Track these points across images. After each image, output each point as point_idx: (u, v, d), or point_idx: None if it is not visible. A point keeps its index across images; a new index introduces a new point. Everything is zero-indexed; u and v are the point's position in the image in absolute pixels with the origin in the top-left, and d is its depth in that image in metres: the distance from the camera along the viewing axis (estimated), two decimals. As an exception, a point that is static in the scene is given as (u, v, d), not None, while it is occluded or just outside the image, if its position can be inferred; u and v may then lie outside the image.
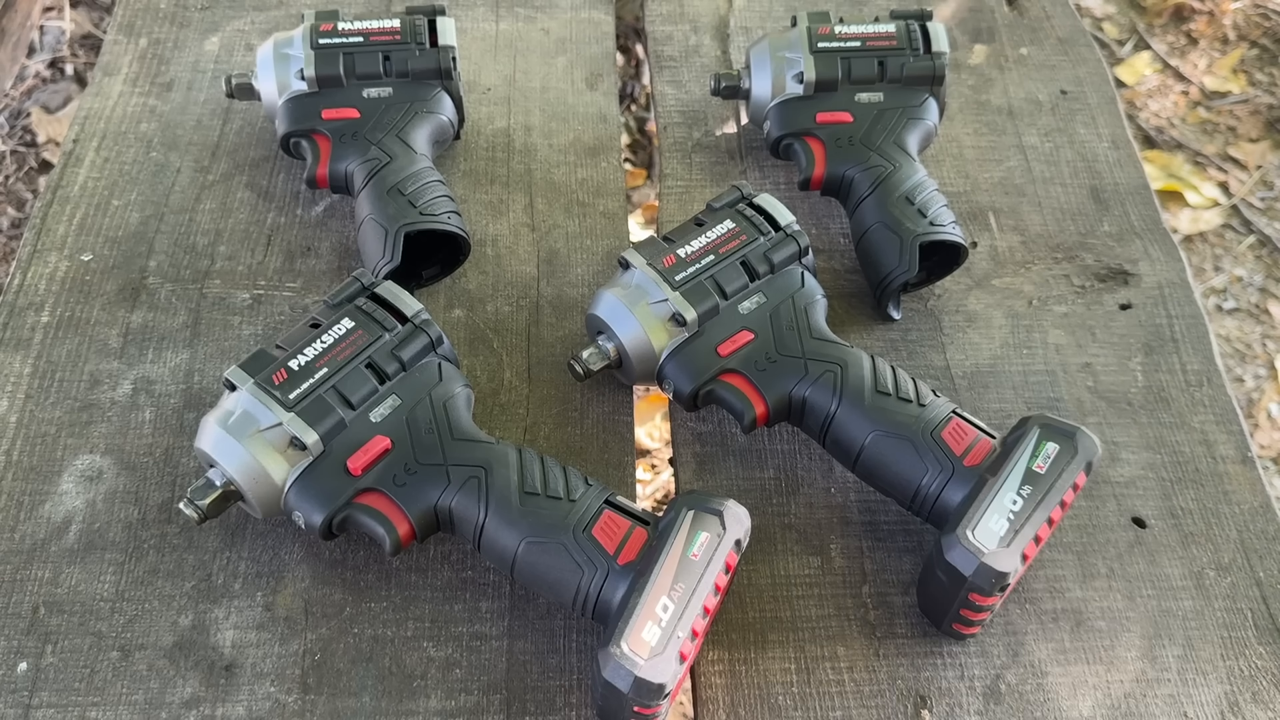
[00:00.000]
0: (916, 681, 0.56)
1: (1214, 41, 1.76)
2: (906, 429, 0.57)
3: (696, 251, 0.62)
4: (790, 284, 0.63)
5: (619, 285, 0.62)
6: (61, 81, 1.52)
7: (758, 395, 0.60)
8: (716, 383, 0.60)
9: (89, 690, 0.54)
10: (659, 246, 0.63)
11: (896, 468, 0.57)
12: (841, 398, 0.58)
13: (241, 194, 0.76)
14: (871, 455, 0.58)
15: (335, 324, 0.57)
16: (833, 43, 0.74)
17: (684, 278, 0.61)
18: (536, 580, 0.53)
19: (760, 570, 0.60)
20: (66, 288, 0.70)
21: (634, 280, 0.62)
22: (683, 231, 0.64)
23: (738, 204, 0.65)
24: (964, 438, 0.56)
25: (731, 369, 0.60)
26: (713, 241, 0.63)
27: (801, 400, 0.59)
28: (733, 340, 0.61)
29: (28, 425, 0.64)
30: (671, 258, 0.62)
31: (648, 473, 1.18)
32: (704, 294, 0.61)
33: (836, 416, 0.59)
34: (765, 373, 0.60)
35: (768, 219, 0.64)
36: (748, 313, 0.62)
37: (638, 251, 0.63)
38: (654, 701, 0.48)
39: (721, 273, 0.62)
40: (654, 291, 0.61)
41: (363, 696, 0.55)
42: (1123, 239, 0.77)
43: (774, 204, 0.65)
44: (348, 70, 0.72)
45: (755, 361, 0.60)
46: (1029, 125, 0.84)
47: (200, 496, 0.55)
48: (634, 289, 0.62)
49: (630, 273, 0.62)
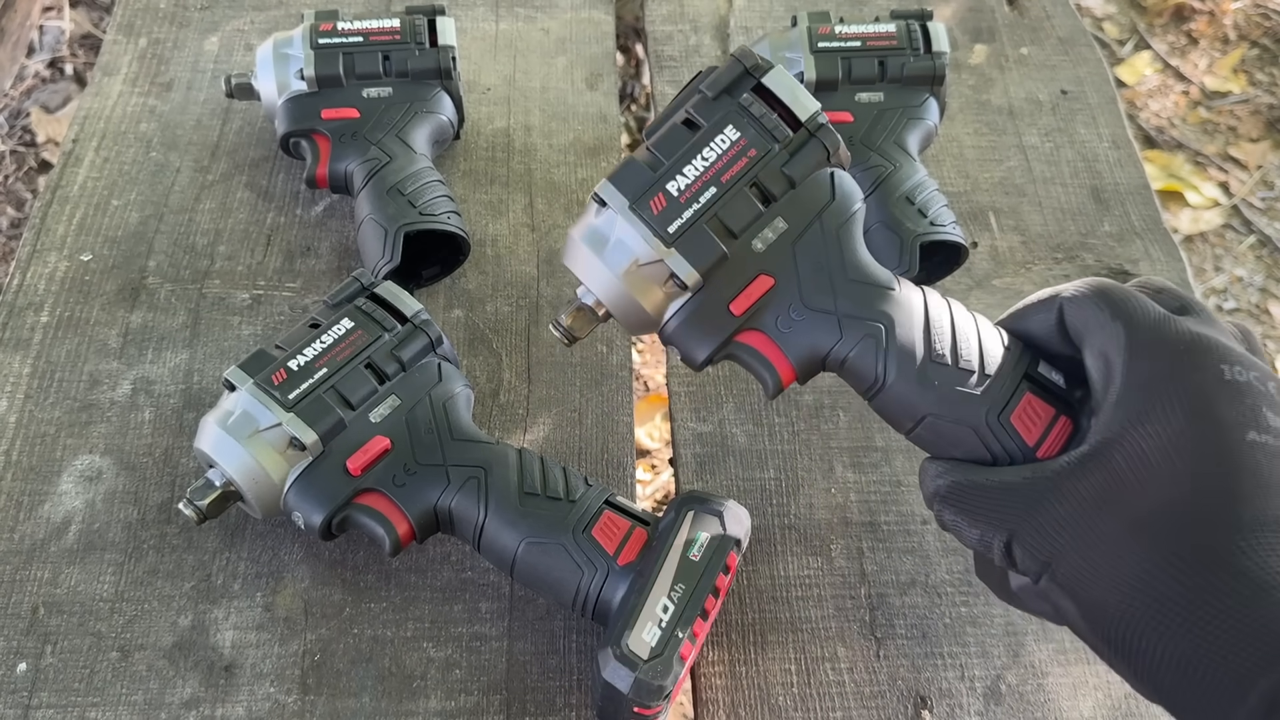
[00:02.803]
0: (917, 682, 0.56)
1: (1214, 41, 1.76)
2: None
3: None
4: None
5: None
6: (61, 81, 1.52)
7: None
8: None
9: (88, 691, 0.54)
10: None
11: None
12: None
13: (241, 194, 0.76)
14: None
15: (335, 324, 0.57)
16: (833, 43, 0.73)
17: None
18: (536, 581, 0.53)
19: (760, 571, 0.60)
20: (66, 288, 0.70)
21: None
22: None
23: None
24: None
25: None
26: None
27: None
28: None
29: (27, 425, 0.63)
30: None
31: (648, 473, 1.18)
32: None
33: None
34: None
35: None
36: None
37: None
38: (654, 702, 0.48)
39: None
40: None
41: (362, 697, 0.54)
42: (1123, 239, 0.77)
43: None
44: (347, 70, 0.72)
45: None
46: (1029, 125, 0.84)
47: (200, 497, 0.55)
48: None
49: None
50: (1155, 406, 0.40)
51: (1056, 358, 0.47)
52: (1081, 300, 0.44)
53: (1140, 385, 0.41)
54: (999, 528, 0.43)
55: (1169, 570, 0.38)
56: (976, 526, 0.44)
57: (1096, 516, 0.40)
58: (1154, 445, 0.40)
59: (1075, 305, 0.45)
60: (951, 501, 0.45)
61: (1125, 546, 0.39)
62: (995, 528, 0.43)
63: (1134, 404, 0.41)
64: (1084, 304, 0.44)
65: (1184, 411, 0.40)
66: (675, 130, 0.48)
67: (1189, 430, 0.39)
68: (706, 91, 0.48)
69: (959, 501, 0.45)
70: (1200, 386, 0.40)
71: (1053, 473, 0.42)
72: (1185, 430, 0.39)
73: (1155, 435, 0.40)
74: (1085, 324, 0.44)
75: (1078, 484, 0.41)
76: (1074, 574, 0.40)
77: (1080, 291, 0.45)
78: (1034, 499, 0.42)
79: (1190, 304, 0.45)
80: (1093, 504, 0.40)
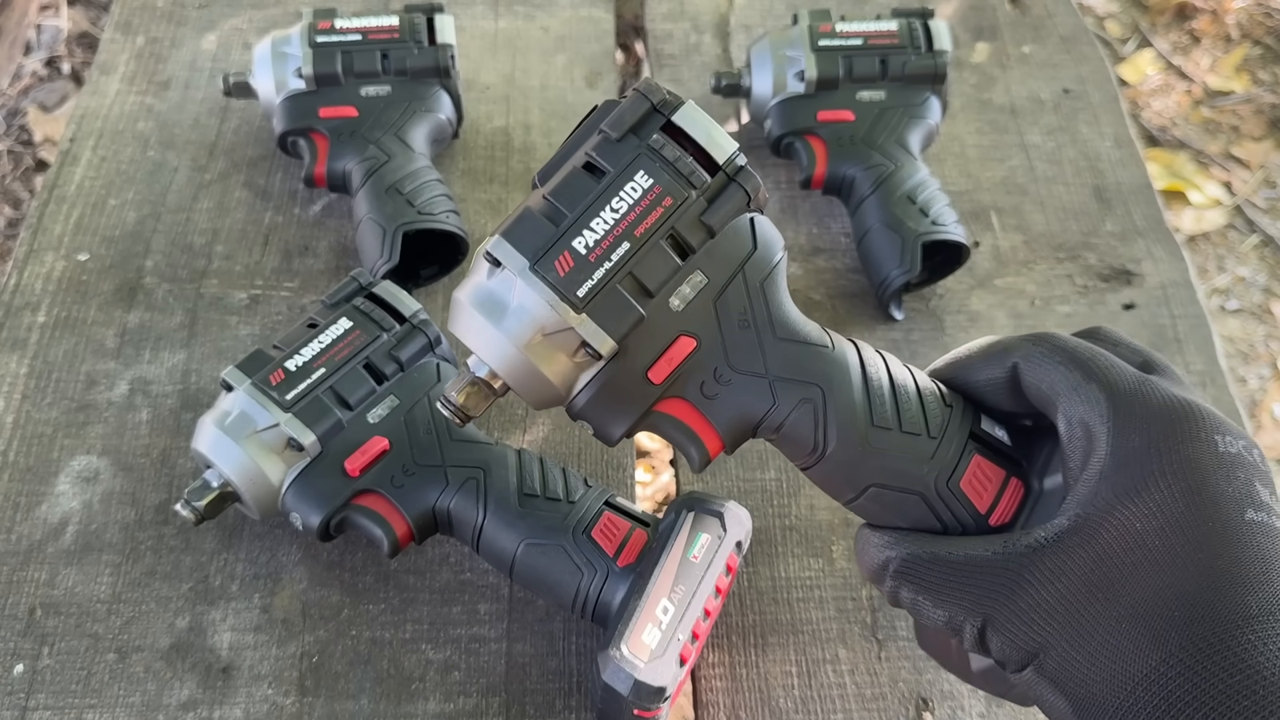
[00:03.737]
0: (918, 684, 0.56)
1: (1217, 40, 1.76)
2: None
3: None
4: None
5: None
6: (58, 80, 1.52)
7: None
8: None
9: (86, 692, 0.54)
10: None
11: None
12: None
13: (239, 193, 0.75)
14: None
15: (333, 324, 0.57)
16: (834, 40, 0.73)
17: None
18: (536, 582, 0.53)
19: (761, 572, 0.60)
20: (63, 288, 0.70)
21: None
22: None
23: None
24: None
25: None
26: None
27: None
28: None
29: (24, 426, 0.63)
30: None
31: (648, 474, 1.18)
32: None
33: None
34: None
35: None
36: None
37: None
38: (654, 704, 0.48)
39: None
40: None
41: (361, 699, 0.54)
42: (1126, 239, 0.76)
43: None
44: (346, 68, 0.71)
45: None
46: (1031, 124, 0.83)
47: (197, 498, 0.54)
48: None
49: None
50: (1148, 482, 0.37)
51: (992, 411, 0.44)
52: (1045, 360, 0.41)
53: (1130, 458, 0.37)
54: (971, 611, 0.39)
55: (1179, 668, 0.34)
56: (942, 607, 0.40)
57: (1088, 602, 0.37)
58: (1148, 525, 0.36)
59: (1038, 366, 0.41)
60: (909, 578, 0.41)
61: (1126, 637, 0.36)
62: (967, 610, 0.39)
63: (1123, 478, 0.37)
64: (1049, 365, 0.41)
65: (1180, 488, 0.36)
66: (576, 176, 0.42)
67: (1186, 509, 0.36)
68: (610, 131, 0.42)
69: (918, 579, 0.40)
70: (1195, 461, 0.37)
71: (1027, 549, 0.38)
72: (1182, 509, 0.36)
73: (1149, 514, 0.37)
74: (1054, 388, 0.40)
75: (1062, 564, 0.37)
76: (1066, 668, 0.37)
77: (1039, 350, 0.41)
78: (1011, 579, 0.38)
79: (1151, 358, 0.42)
80: (1082, 587, 0.37)
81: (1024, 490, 0.43)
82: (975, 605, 0.39)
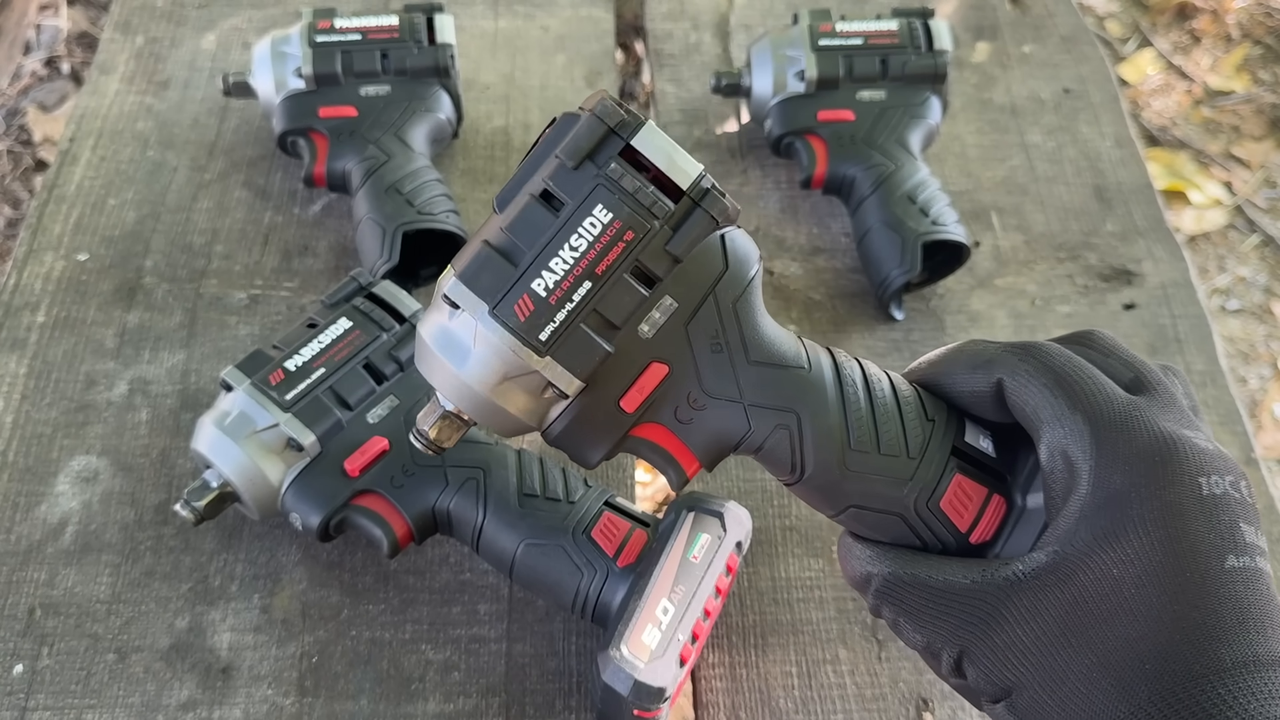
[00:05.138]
0: (919, 685, 0.56)
1: (1217, 40, 1.76)
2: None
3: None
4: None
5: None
6: (58, 80, 1.52)
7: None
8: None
9: (85, 693, 0.54)
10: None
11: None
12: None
13: (238, 193, 0.75)
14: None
15: (332, 324, 0.57)
16: (834, 40, 0.73)
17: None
18: (535, 582, 0.53)
19: (761, 573, 0.60)
20: (62, 288, 0.70)
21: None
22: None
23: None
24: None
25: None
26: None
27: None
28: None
29: (23, 426, 0.63)
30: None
31: (648, 474, 1.17)
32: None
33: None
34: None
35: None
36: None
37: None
38: (654, 705, 0.48)
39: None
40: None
41: (360, 699, 0.54)
42: (1126, 238, 0.76)
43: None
44: (345, 68, 0.71)
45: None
46: (1032, 124, 0.83)
47: (197, 498, 0.54)
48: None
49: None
50: (1127, 528, 0.37)
51: (975, 418, 0.44)
52: (1029, 380, 0.40)
53: (1110, 500, 0.37)
54: (949, 640, 0.39)
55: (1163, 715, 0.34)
56: (921, 632, 0.40)
57: (1062, 646, 0.37)
58: (1125, 572, 0.36)
59: (1023, 388, 0.40)
60: (890, 599, 0.41)
61: (1097, 687, 0.36)
62: (945, 639, 0.39)
63: (1102, 521, 0.37)
64: (1033, 387, 0.40)
65: (1159, 536, 0.36)
66: (533, 210, 0.39)
67: (1165, 559, 0.36)
68: (565, 160, 0.39)
69: (898, 601, 0.41)
70: (1177, 507, 0.37)
71: (1005, 581, 0.38)
72: (1160, 558, 0.36)
73: (1127, 561, 0.36)
74: (1037, 413, 0.40)
75: (1039, 603, 0.37)
76: (1037, 710, 0.37)
77: (1024, 367, 0.40)
78: (989, 613, 0.38)
79: (1142, 373, 0.41)
80: (1057, 630, 0.37)
81: (1006, 507, 0.43)
82: (953, 635, 0.39)
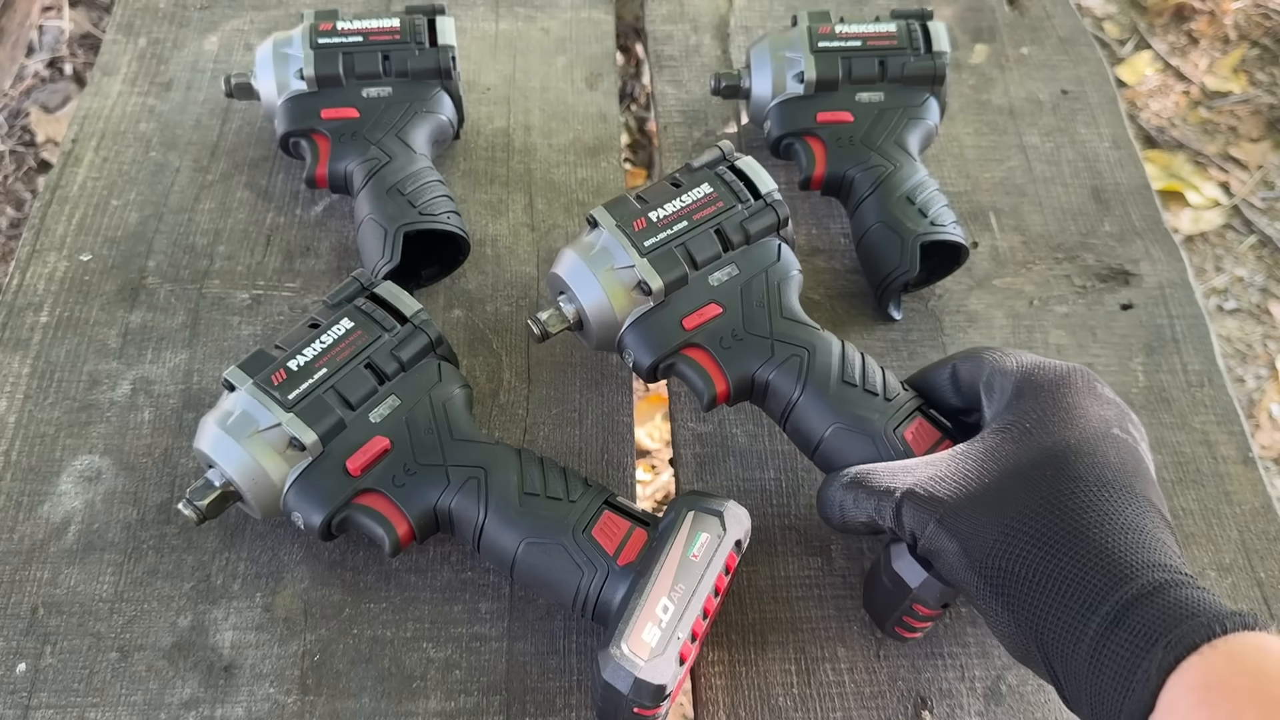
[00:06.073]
0: (917, 682, 0.56)
1: (1215, 41, 1.76)
2: (868, 425, 0.55)
3: (669, 216, 0.59)
4: (765, 257, 0.60)
5: (584, 244, 0.59)
6: (60, 81, 1.52)
7: (720, 373, 0.57)
8: (678, 357, 0.58)
9: (88, 691, 0.54)
10: (630, 207, 0.59)
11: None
12: (805, 385, 0.56)
13: (241, 194, 0.76)
14: (830, 447, 0.56)
15: (334, 324, 0.57)
16: (833, 42, 0.73)
17: (654, 243, 0.58)
18: (536, 581, 0.53)
19: (760, 571, 0.60)
20: (65, 288, 0.70)
21: (600, 241, 0.58)
22: (657, 192, 0.60)
23: (718, 165, 0.62)
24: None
25: (695, 343, 0.58)
26: (687, 206, 0.59)
27: (765, 383, 0.57)
28: (699, 313, 0.58)
29: (26, 425, 0.63)
30: (642, 220, 0.58)
31: (648, 473, 1.18)
32: (673, 263, 0.58)
33: (798, 404, 0.56)
34: (730, 350, 0.57)
35: (748, 185, 0.61)
36: (718, 285, 0.58)
37: (608, 211, 0.59)
38: (654, 702, 0.48)
39: (694, 240, 0.58)
40: (621, 256, 0.58)
41: (362, 697, 0.54)
42: (1124, 239, 0.77)
43: (756, 169, 0.62)
44: (347, 70, 0.72)
45: (720, 338, 0.57)
46: (1030, 125, 0.84)
47: (199, 497, 0.55)
48: (600, 251, 0.58)
49: (597, 233, 0.59)
50: (1038, 398, 0.50)
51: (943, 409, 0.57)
52: (975, 356, 0.54)
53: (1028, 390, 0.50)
54: (892, 493, 0.50)
55: (1043, 509, 0.45)
56: (872, 497, 0.50)
57: (980, 469, 0.48)
58: (1033, 420, 0.49)
59: (969, 362, 0.55)
60: (854, 486, 0.52)
61: (1006, 490, 0.47)
62: (889, 494, 0.50)
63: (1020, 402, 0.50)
64: (978, 359, 0.54)
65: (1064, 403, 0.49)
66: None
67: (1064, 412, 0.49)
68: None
69: (860, 483, 0.51)
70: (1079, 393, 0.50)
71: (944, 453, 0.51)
72: (1060, 412, 0.49)
73: (1029, 413, 0.49)
74: (979, 368, 0.54)
75: (966, 450, 0.50)
76: (957, 516, 0.47)
77: (971, 354, 0.55)
78: (925, 465, 0.50)
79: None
80: (976, 462, 0.49)
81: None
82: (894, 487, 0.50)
